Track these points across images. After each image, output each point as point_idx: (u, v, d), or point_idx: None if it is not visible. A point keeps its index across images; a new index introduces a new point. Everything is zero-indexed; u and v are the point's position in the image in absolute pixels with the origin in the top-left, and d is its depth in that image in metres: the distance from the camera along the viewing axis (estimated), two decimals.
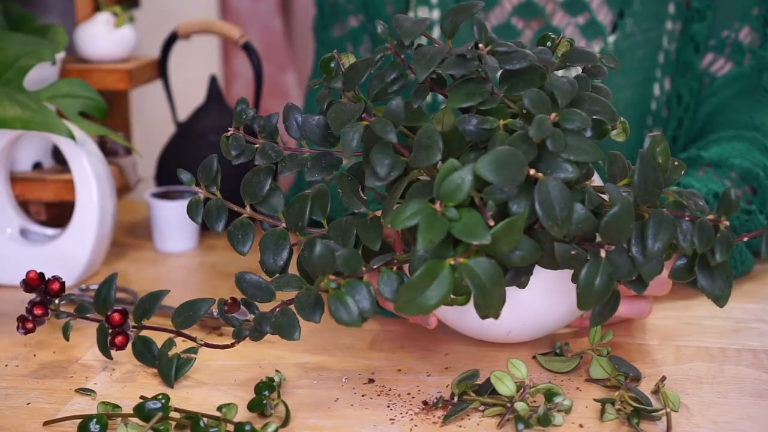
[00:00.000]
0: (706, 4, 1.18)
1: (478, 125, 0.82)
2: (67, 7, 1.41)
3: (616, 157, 0.84)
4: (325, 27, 1.30)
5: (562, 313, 0.89)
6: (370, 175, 0.82)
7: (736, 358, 0.92)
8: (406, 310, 0.75)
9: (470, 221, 0.75)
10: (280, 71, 2.22)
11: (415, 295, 0.74)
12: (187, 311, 0.89)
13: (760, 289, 1.09)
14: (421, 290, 0.74)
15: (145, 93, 1.82)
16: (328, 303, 0.78)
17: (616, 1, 1.20)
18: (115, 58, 1.29)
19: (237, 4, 2.22)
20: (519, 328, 0.89)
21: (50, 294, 0.90)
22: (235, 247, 0.89)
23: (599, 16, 1.20)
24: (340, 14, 1.28)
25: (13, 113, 1.05)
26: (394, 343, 0.96)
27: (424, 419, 0.81)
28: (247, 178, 0.90)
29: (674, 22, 1.20)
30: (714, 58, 1.20)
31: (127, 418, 0.79)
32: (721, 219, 0.81)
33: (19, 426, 0.81)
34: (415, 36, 0.84)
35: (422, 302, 0.74)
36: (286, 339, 0.83)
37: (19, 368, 0.92)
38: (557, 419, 0.79)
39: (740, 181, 1.11)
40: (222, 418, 0.78)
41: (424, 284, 0.74)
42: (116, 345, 0.89)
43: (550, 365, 0.90)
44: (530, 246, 0.78)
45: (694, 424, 0.80)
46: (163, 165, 1.33)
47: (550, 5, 1.21)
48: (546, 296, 0.87)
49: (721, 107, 1.19)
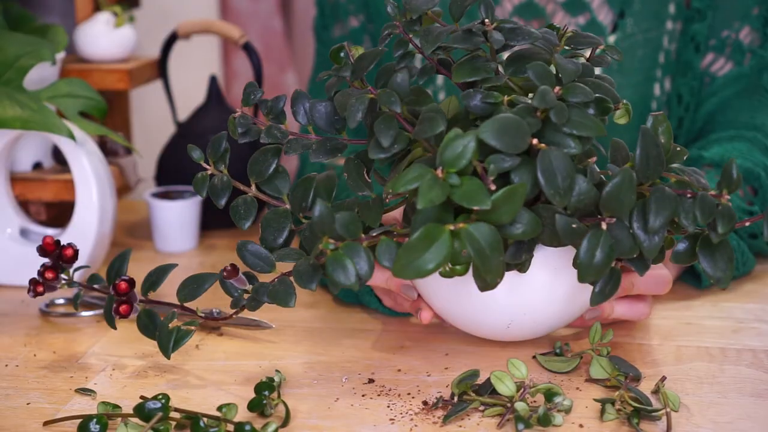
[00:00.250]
0: (706, 4, 1.18)
1: (483, 99, 0.82)
2: (67, 7, 1.41)
3: (619, 145, 0.84)
4: (326, 27, 1.30)
5: (562, 310, 0.88)
6: (374, 146, 0.83)
7: (736, 358, 0.92)
8: (404, 273, 0.75)
9: (471, 187, 0.75)
10: (280, 71, 2.22)
11: (414, 257, 0.74)
12: (191, 285, 0.89)
13: (760, 289, 1.09)
14: (420, 252, 0.74)
15: (145, 93, 1.82)
16: (326, 265, 0.78)
17: (616, 1, 1.20)
18: (115, 58, 1.29)
19: (237, 4, 2.22)
20: (519, 321, 0.88)
21: (63, 260, 0.91)
22: (236, 222, 0.91)
23: (600, 16, 1.20)
24: (341, 14, 1.28)
25: (13, 113, 1.05)
26: (394, 343, 0.96)
27: (424, 419, 0.81)
28: (255, 157, 0.91)
29: (674, 22, 1.20)
30: (714, 58, 1.20)
31: (127, 418, 0.79)
32: (723, 193, 0.81)
33: (19, 426, 0.81)
34: (423, 11, 0.86)
35: (420, 265, 0.74)
36: (282, 306, 0.83)
37: (19, 368, 0.92)
38: (557, 419, 0.79)
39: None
40: (222, 418, 0.78)
41: (422, 246, 0.75)
42: (120, 313, 0.89)
43: (550, 365, 0.90)
44: (531, 219, 0.78)
45: (694, 424, 0.80)
46: (163, 165, 1.32)
47: (550, 5, 1.21)
48: (547, 289, 0.87)
49: (721, 107, 1.19)
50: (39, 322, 1.02)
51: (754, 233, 1.10)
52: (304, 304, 1.05)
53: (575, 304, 0.89)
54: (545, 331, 0.91)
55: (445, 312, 0.91)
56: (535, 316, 0.88)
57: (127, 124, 1.39)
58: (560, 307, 0.88)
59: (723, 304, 1.05)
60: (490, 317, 0.89)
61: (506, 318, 0.88)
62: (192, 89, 1.70)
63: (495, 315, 0.88)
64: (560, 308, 0.88)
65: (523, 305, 0.87)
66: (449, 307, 0.90)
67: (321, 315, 1.03)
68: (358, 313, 1.03)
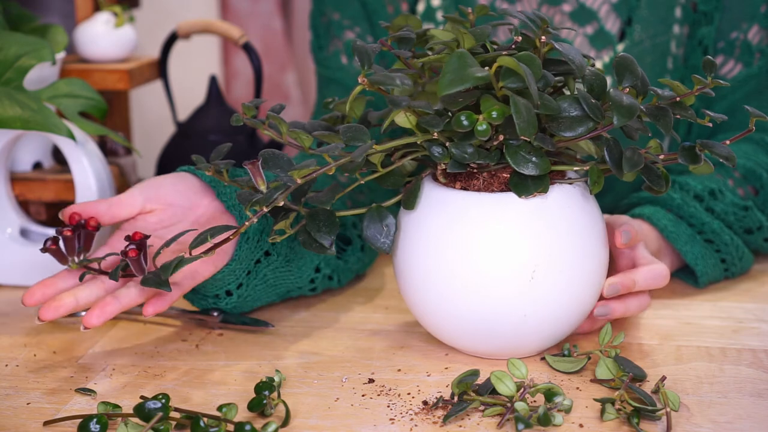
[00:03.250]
0: (713, 6, 1.17)
1: None
2: (67, 7, 1.41)
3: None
4: (321, 48, 1.28)
5: (575, 309, 0.89)
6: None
7: (736, 358, 0.92)
8: (451, 85, 0.77)
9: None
10: (280, 71, 2.22)
11: (460, 67, 0.78)
12: (203, 237, 0.86)
13: (760, 288, 1.09)
14: (464, 66, 0.78)
15: (145, 93, 1.82)
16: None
17: (624, 8, 1.19)
18: (115, 58, 1.29)
19: (237, 4, 2.22)
20: (533, 315, 0.87)
21: (85, 227, 0.92)
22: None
23: (607, 25, 1.19)
24: (336, 31, 1.26)
25: (13, 113, 1.05)
26: (394, 343, 0.96)
27: (424, 419, 0.81)
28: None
29: (681, 26, 1.19)
30: (724, 60, 1.19)
31: (127, 418, 0.79)
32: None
33: (20, 426, 0.81)
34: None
35: (469, 74, 0.78)
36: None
37: (19, 368, 0.92)
38: (557, 419, 0.79)
39: (743, 181, 1.11)
40: (222, 418, 0.78)
41: (463, 63, 0.79)
42: (129, 255, 0.88)
43: (559, 366, 0.90)
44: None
45: (694, 424, 0.80)
46: (163, 165, 1.33)
47: (558, 16, 1.21)
48: (561, 292, 0.87)
49: (730, 109, 1.18)
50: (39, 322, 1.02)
51: (750, 228, 1.10)
52: (304, 305, 1.05)
53: (587, 305, 0.89)
54: (557, 334, 0.90)
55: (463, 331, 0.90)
56: (549, 314, 0.88)
57: (127, 124, 1.39)
58: (572, 309, 0.89)
59: (723, 304, 1.05)
60: (507, 311, 0.88)
61: (522, 309, 0.87)
62: (192, 89, 1.70)
63: (511, 309, 0.87)
64: (572, 310, 0.89)
65: (538, 302, 0.87)
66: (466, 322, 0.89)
67: (320, 315, 1.03)
68: (358, 313, 1.03)
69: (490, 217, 0.86)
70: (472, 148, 0.85)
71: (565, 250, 0.86)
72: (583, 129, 0.84)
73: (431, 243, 0.87)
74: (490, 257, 0.86)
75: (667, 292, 1.07)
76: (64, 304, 0.89)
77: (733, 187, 1.11)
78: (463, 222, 0.86)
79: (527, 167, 0.84)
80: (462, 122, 0.82)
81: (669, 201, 1.08)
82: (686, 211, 1.07)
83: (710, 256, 1.07)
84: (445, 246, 0.87)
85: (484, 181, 0.88)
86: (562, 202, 0.87)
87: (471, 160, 0.84)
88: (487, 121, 0.82)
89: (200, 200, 0.97)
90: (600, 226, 0.90)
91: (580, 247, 0.87)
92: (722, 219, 1.08)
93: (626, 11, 1.19)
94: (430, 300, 0.89)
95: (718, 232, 1.07)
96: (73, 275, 0.92)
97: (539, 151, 0.85)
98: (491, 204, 0.86)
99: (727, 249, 1.08)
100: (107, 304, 0.89)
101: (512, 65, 0.80)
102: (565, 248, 0.86)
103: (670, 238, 1.06)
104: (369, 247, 1.07)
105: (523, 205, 0.86)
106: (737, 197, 1.09)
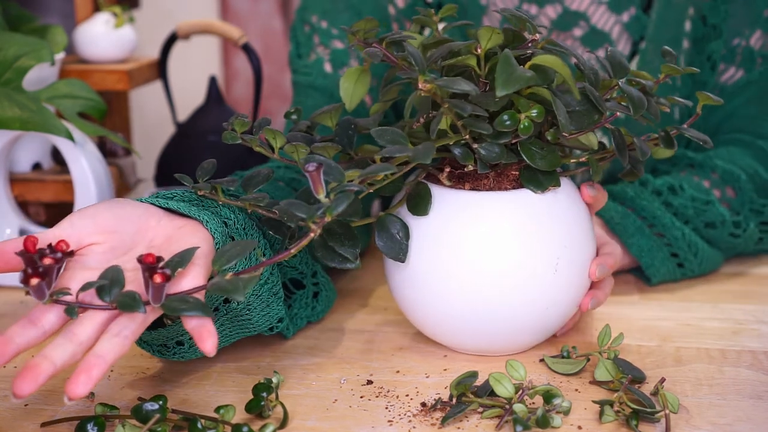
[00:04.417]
0: (721, 18, 1.17)
1: None
2: (67, 7, 1.41)
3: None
4: (300, 56, 1.23)
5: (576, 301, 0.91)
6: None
7: (736, 360, 0.92)
8: (509, 85, 0.78)
9: None
10: (280, 71, 2.22)
11: (510, 69, 0.79)
12: (177, 261, 0.78)
13: (759, 290, 1.09)
14: (513, 66, 0.80)
15: (145, 93, 1.82)
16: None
17: (635, 28, 1.17)
18: (114, 59, 1.29)
19: (237, 4, 2.22)
20: (554, 308, 0.88)
21: (59, 251, 0.75)
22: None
23: (619, 45, 1.18)
24: (323, 40, 1.21)
25: (12, 114, 1.05)
26: (392, 345, 0.96)
27: (423, 421, 0.81)
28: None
29: (690, 41, 1.18)
30: (725, 67, 1.18)
31: (124, 419, 0.79)
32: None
33: (17, 427, 0.81)
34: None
35: (521, 74, 0.79)
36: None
37: (17, 369, 0.92)
38: (556, 421, 0.79)
39: (720, 182, 1.11)
40: (220, 419, 0.78)
41: (510, 62, 0.80)
42: (154, 282, 0.73)
43: (557, 367, 0.89)
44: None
45: (693, 426, 0.80)
46: (163, 165, 1.33)
47: (569, 41, 1.19)
48: (573, 283, 0.89)
49: (729, 115, 1.18)
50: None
51: (711, 222, 1.09)
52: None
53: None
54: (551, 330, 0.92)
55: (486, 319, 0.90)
56: (566, 304, 0.90)
57: (127, 124, 1.39)
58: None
59: (723, 306, 1.05)
60: (529, 304, 0.88)
61: (544, 303, 0.88)
62: (192, 89, 1.71)
63: (533, 303, 0.88)
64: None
65: (558, 296, 0.88)
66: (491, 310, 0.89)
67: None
68: (357, 314, 1.03)
69: (509, 214, 0.87)
70: (500, 148, 0.86)
71: (579, 241, 0.88)
72: (589, 121, 0.86)
73: (445, 245, 0.87)
74: (510, 253, 0.86)
75: (666, 293, 1.07)
76: (43, 371, 0.73)
77: (704, 185, 1.10)
78: (478, 222, 0.87)
79: (541, 162, 0.86)
80: (505, 122, 0.83)
81: (622, 194, 1.09)
82: (638, 204, 1.07)
83: (658, 249, 1.07)
84: (461, 248, 0.87)
85: (494, 180, 0.88)
86: (572, 196, 0.89)
87: (498, 160, 0.86)
88: (528, 119, 0.83)
89: (146, 222, 0.84)
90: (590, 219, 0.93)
91: (589, 239, 0.90)
92: (680, 213, 1.08)
93: (638, 30, 1.18)
94: (430, 302, 0.89)
95: (668, 226, 1.07)
96: (34, 319, 0.76)
97: (550, 146, 0.87)
98: (507, 202, 0.87)
99: (677, 243, 1.07)
100: (92, 367, 0.72)
101: (556, 65, 0.81)
102: (579, 240, 0.89)
103: (616, 230, 1.06)
104: (324, 292, 1.00)
105: (538, 199, 0.87)
106: (701, 192, 1.09)
